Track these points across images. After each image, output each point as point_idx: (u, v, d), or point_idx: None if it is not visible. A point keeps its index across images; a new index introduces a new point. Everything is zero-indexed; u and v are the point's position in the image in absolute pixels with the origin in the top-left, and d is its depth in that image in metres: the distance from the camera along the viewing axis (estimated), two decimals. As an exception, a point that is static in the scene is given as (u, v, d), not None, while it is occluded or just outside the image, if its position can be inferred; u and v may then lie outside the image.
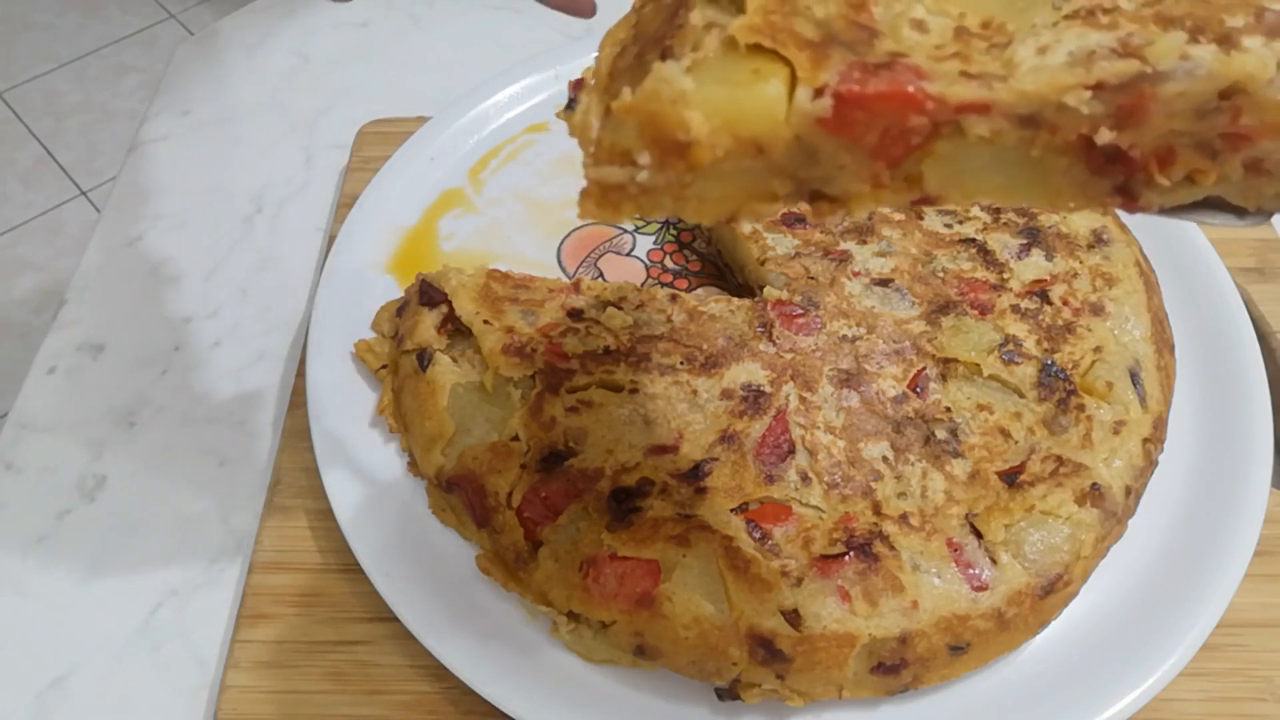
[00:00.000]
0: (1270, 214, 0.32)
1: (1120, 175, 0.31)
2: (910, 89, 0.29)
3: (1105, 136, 0.29)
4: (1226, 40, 0.29)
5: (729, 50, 0.29)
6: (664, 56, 0.29)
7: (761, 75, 0.29)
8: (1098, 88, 0.29)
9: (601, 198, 0.31)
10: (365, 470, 0.57)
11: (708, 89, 0.29)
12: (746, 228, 0.63)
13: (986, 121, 0.29)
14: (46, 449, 0.64)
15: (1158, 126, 0.29)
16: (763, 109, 0.29)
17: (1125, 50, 0.29)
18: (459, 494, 0.54)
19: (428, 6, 0.94)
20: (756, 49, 0.29)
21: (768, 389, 0.55)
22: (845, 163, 0.30)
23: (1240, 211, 0.32)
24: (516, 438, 0.54)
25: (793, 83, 0.29)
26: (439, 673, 0.51)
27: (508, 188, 0.73)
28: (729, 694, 0.48)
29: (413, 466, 0.57)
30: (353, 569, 0.54)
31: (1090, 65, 0.29)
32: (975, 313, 0.58)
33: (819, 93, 0.29)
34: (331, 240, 0.68)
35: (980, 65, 0.29)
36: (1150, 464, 0.54)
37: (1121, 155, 0.30)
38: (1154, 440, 0.54)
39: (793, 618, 0.47)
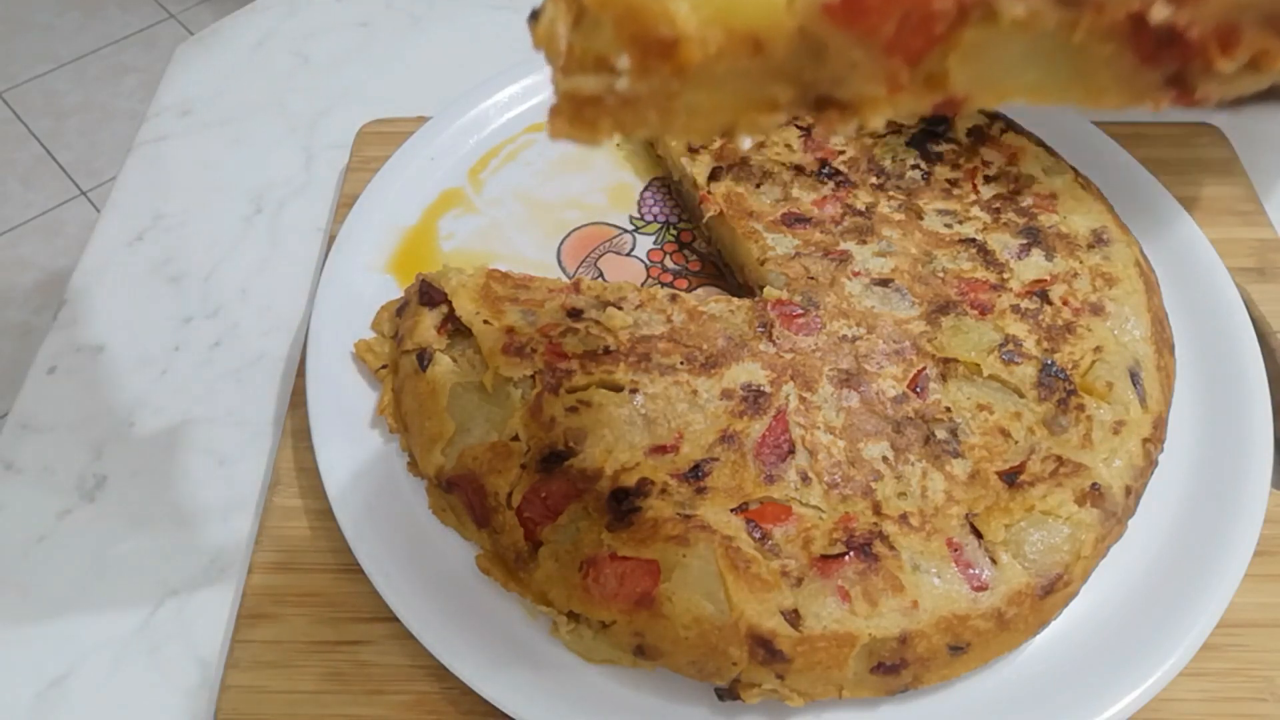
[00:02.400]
0: None
1: (1174, 63, 0.26)
2: None
3: (1160, 13, 0.25)
4: None
5: None
6: None
7: None
8: None
9: (574, 114, 0.27)
10: (365, 470, 0.57)
11: None
12: (747, 228, 0.63)
13: (1024, 1, 0.25)
14: (46, 449, 0.64)
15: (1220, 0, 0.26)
16: None
17: None
18: (459, 494, 0.53)
19: (428, 6, 0.94)
20: None
21: (768, 389, 0.55)
22: (857, 60, 0.26)
23: None
24: (516, 438, 0.54)
25: None
26: (439, 673, 0.51)
27: (508, 188, 0.73)
28: (729, 694, 0.48)
29: (413, 466, 0.57)
30: (353, 569, 0.54)
31: None
32: (975, 313, 0.58)
33: None
34: (331, 240, 0.68)
35: None
36: (1150, 464, 0.54)
37: (1177, 37, 0.26)
38: (1154, 440, 0.54)
39: (793, 618, 0.47)
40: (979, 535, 0.49)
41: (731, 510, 0.50)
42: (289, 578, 0.56)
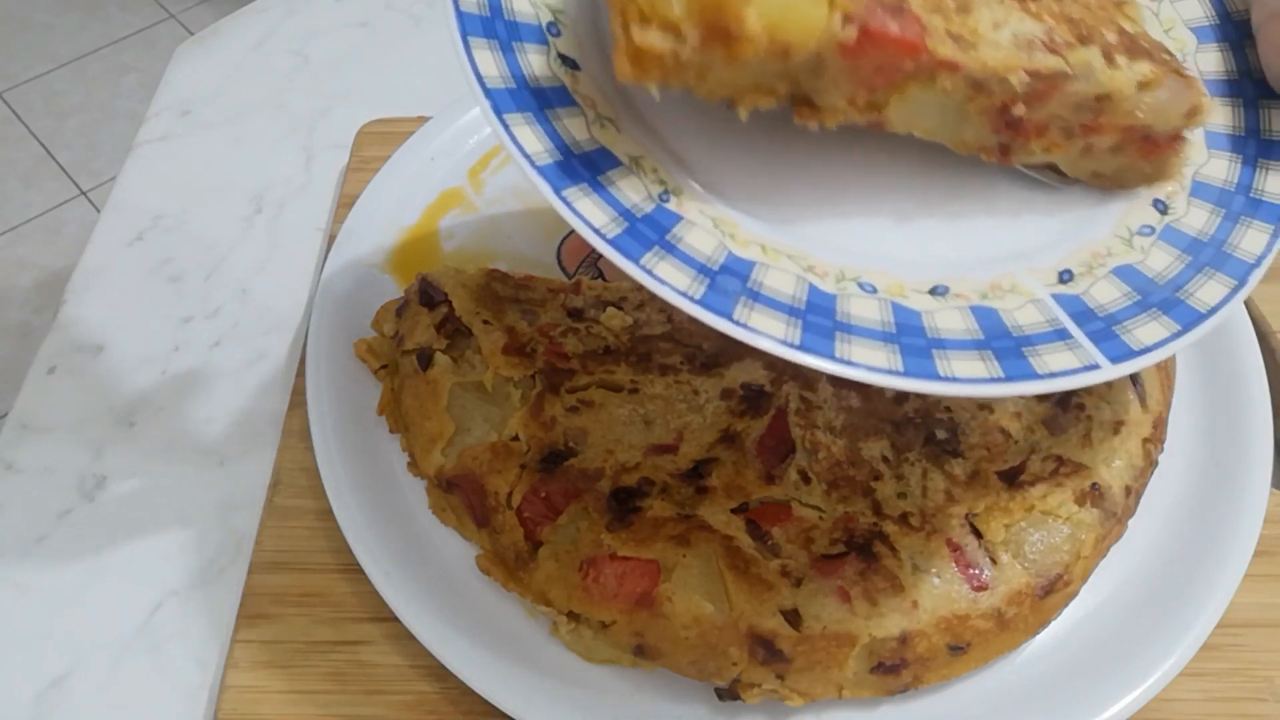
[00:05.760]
0: (1078, 183, 0.43)
1: (1008, 136, 0.40)
2: (916, 40, 0.36)
3: (1020, 109, 0.39)
4: (1109, 55, 0.39)
5: None
6: None
7: None
8: (1033, 73, 0.38)
9: (636, 58, 0.35)
10: (365, 470, 0.57)
11: None
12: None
13: (952, 79, 0.37)
14: (46, 449, 0.64)
15: (1049, 109, 0.39)
16: (805, 23, 0.34)
17: (1051, 46, 0.38)
18: (459, 494, 0.54)
19: (428, 6, 0.94)
20: None
21: (768, 389, 0.55)
22: (840, 82, 0.37)
23: (1061, 177, 0.43)
24: (516, 438, 0.54)
25: (829, 5, 0.35)
26: (439, 673, 0.51)
27: (508, 188, 0.73)
28: (729, 694, 0.48)
29: (413, 466, 0.57)
30: (353, 569, 0.54)
31: (1031, 52, 0.38)
32: (975, 313, 0.58)
33: (848, 19, 0.34)
34: (331, 240, 0.68)
35: (956, 26, 0.37)
36: (1150, 464, 0.54)
37: (1018, 123, 0.39)
38: (1154, 440, 0.54)
39: (793, 618, 0.47)
40: (979, 535, 0.49)
41: (731, 510, 0.50)
42: (289, 578, 0.56)
